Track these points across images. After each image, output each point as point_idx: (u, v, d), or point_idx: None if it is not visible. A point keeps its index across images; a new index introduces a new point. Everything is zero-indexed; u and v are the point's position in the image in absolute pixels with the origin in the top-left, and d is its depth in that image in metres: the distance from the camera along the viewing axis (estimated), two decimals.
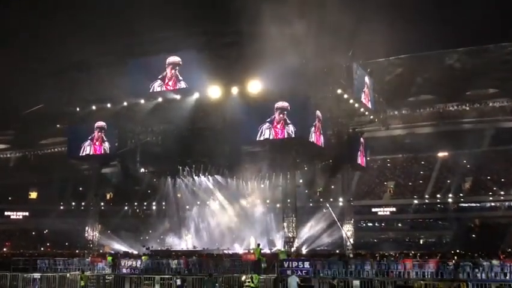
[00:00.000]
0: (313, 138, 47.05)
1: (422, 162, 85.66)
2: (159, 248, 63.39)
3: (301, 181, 58.31)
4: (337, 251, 51.11)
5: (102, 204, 69.48)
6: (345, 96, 48.55)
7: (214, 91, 46.72)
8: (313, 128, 47.10)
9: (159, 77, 47.97)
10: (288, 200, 48.79)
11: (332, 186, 75.74)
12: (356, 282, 29.86)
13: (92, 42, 55.41)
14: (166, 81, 47.78)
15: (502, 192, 73.29)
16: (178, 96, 48.10)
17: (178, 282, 31.69)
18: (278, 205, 56.79)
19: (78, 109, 53.80)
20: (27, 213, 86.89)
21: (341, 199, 61.78)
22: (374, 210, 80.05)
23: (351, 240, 56.37)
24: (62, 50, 57.99)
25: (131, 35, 52.54)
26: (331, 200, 72.28)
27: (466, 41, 65.25)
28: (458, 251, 49.42)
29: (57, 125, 67.77)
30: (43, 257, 45.12)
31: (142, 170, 59.25)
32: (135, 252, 54.50)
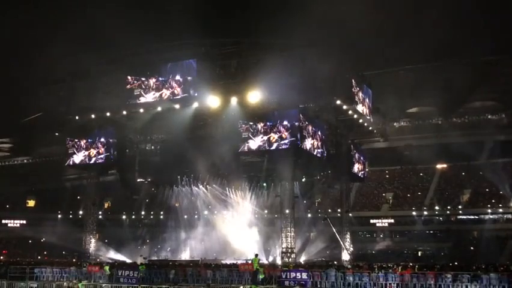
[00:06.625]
0: (311, 148, 47.06)
1: (421, 174, 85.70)
2: (156, 258, 63.27)
3: (299, 192, 58.22)
4: (335, 262, 50.91)
5: (100, 213, 69.33)
6: (344, 107, 48.58)
7: (213, 101, 46.78)
8: (311, 139, 47.13)
9: (158, 86, 47.98)
10: (287, 211, 48.73)
11: (330, 197, 75.81)
12: None
13: (93, 51, 55.58)
14: (166, 90, 47.76)
15: (501, 205, 73.23)
16: (177, 106, 48.07)
17: None
18: (276, 215, 56.68)
19: (77, 117, 53.72)
20: (24, 221, 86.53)
21: (339, 210, 61.70)
22: (372, 221, 80.00)
23: (349, 251, 56.25)
24: (61, 59, 58.10)
25: (132, 45, 52.65)
26: (329, 211, 72.30)
27: (466, 53, 65.53)
28: (456, 263, 49.29)
29: (56, 133, 67.71)
30: (40, 266, 44.86)
31: (140, 179, 59.09)
32: (132, 261, 54.28)
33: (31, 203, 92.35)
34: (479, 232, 72.37)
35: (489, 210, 73.45)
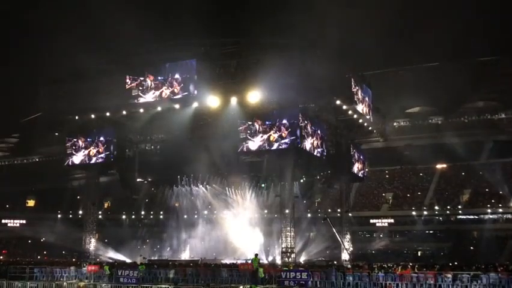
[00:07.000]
0: (311, 148, 47.05)
1: (421, 174, 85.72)
2: (156, 258, 63.23)
3: (299, 192, 58.19)
4: (335, 262, 50.96)
5: (100, 213, 69.35)
6: (344, 107, 48.57)
7: (213, 101, 46.74)
8: (311, 138, 47.12)
9: (158, 85, 47.91)
10: (286, 211, 48.69)
11: (330, 197, 75.79)
12: None
13: (93, 51, 55.52)
14: (165, 89, 47.69)
15: (500, 205, 73.25)
16: (177, 106, 47.98)
17: None
18: (276, 215, 56.68)
19: (77, 117, 53.65)
20: (24, 221, 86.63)
21: (339, 210, 61.68)
22: (372, 221, 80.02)
23: (349, 251, 56.25)
24: (62, 59, 58.12)
25: (132, 45, 52.63)
26: (329, 210, 72.30)
27: (466, 53, 65.64)
28: (456, 263, 49.31)
29: (56, 133, 67.83)
30: (40, 265, 44.88)
31: (140, 179, 59.05)
32: (132, 261, 54.26)
33: (31, 203, 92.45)
34: (479, 232, 72.42)
35: (489, 210, 73.48)
